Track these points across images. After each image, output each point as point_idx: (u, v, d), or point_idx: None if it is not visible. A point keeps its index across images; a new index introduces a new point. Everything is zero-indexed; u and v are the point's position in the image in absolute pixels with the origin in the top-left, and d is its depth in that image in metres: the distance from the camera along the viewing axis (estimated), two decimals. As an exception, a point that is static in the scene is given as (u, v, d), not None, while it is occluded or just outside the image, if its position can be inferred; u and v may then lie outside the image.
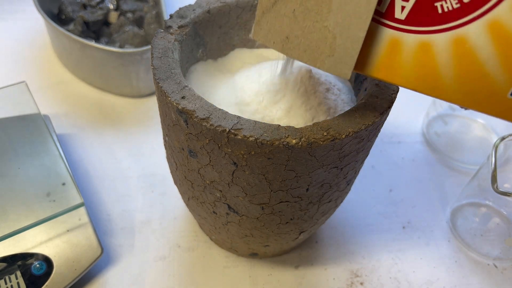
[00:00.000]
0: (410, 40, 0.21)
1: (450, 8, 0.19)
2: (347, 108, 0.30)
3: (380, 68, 0.22)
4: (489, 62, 0.19)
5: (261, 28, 0.26)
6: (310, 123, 0.27)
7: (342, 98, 0.30)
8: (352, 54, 0.22)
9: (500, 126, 0.50)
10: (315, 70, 0.29)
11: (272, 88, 0.29)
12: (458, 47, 0.20)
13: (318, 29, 0.23)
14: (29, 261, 0.34)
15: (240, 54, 0.36)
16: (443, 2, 0.20)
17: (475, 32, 0.19)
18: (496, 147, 0.37)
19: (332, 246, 0.41)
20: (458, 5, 0.19)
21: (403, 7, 0.21)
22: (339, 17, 0.22)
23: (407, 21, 0.21)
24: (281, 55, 0.26)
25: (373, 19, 0.21)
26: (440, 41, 0.20)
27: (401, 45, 0.21)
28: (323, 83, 0.29)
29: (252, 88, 0.30)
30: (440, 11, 0.20)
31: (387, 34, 0.21)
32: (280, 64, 0.29)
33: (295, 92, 0.29)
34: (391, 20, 0.21)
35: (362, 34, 0.21)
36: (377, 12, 0.21)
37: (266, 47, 0.37)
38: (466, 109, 0.21)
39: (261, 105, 0.29)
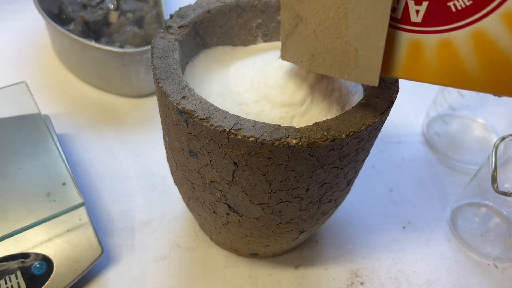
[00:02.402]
0: (430, 40, 0.22)
1: (463, 6, 0.20)
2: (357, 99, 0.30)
3: (406, 69, 0.23)
4: (511, 51, 0.20)
5: (287, 50, 0.27)
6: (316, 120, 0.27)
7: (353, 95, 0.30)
8: (376, 62, 0.23)
9: (500, 126, 0.50)
10: None
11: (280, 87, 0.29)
12: (478, 40, 0.20)
13: (339, 44, 0.24)
14: (29, 261, 0.34)
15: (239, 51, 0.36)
16: (455, 1, 0.20)
17: (492, 25, 0.19)
18: (496, 147, 0.37)
19: (332, 246, 0.41)
20: (470, 2, 0.20)
21: (417, 11, 0.21)
22: (357, 31, 0.23)
23: (424, 23, 0.21)
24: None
25: (391, 26, 0.22)
26: (460, 37, 0.21)
27: (422, 45, 0.22)
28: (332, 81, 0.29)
29: (251, 87, 0.30)
30: (454, 9, 0.20)
31: (407, 38, 0.22)
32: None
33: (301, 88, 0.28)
34: (408, 25, 0.22)
35: (382, 44, 0.22)
36: (393, 19, 0.22)
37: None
38: (499, 96, 0.22)
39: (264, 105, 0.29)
